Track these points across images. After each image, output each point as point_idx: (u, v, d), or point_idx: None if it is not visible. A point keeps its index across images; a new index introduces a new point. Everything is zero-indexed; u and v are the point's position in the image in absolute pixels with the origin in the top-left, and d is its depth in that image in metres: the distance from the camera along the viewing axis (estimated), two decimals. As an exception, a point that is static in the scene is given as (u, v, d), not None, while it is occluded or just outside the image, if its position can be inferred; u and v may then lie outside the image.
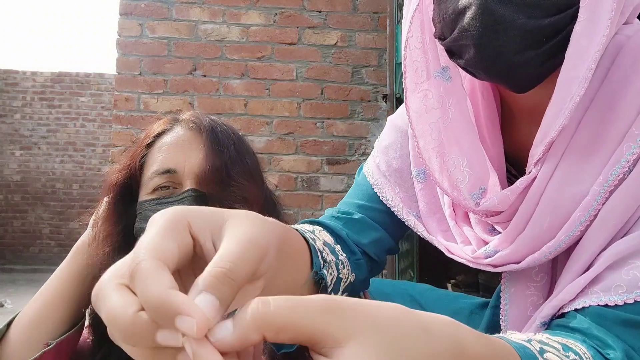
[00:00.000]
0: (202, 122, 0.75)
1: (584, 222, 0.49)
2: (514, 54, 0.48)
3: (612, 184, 0.48)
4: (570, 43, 0.47)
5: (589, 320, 0.45)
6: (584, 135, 0.50)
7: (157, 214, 0.33)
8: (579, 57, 0.47)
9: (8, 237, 7.39)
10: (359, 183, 0.76)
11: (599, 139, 0.49)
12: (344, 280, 0.59)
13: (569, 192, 0.50)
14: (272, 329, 0.26)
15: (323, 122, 2.47)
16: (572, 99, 0.47)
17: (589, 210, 0.49)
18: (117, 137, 2.40)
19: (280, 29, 2.51)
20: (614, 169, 0.48)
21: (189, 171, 0.71)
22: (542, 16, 0.47)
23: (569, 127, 0.50)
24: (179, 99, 2.44)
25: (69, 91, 7.47)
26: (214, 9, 2.48)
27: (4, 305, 4.74)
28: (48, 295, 0.71)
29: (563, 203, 0.50)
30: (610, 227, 0.48)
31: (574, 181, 0.50)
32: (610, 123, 0.49)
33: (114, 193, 0.74)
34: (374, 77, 2.51)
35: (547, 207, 0.51)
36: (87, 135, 7.51)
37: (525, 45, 0.48)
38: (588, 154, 0.50)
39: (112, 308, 0.28)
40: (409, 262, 2.48)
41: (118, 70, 2.43)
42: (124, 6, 2.45)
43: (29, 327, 0.70)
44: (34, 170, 7.45)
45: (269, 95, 2.48)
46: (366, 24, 2.54)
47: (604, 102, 0.50)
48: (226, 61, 2.47)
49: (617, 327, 0.44)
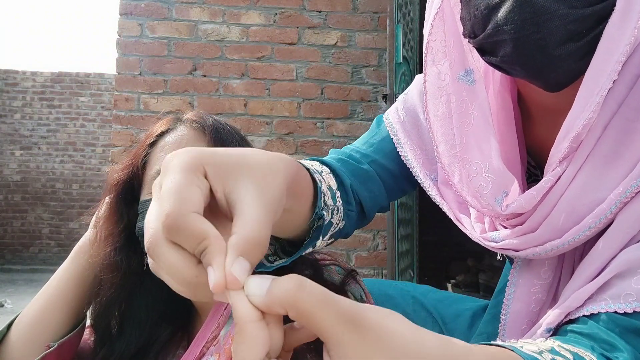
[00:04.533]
0: (206, 122, 0.74)
1: (592, 228, 0.49)
2: (556, 46, 0.47)
3: (629, 195, 0.48)
4: (603, 35, 0.46)
5: (599, 326, 0.45)
6: (608, 141, 0.50)
7: (170, 156, 0.34)
8: (609, 50, 0.46)
9: (8, 237, 7.39)
10: (378, 134, 0.74)
11: (622, 148, 0.49)
12: (334, 227, 0.59)
13: (587, 198, 0.50)
14: (296, 312, 0.28)
15: (323, 122, 2.47)
16: (600, 93, 0.46)
17: (601, 217, 0.49)
18: (117, 137, 2.40)
19: (280, 29, 2.51)
20: (634, 182, 0.47)
21: None
22: (584, 6, 0.46)
23: (595, 129, 0.50)
24: (179, 99, 2.44)
25: (69, 91, 7.47)
26: (214, 9, 2.48)
27: (3, 305, 4.74)
28: (49, 296, 0.71)
29: (580, 208, 0.50)
30: (626, 235, 0.48)
31: (594, 187, 0.50)
32: (636, 133, 0.48)
33: (115, 192, 0.74)
34: (374, 77, 2.51)
35: (564, 211, 0.51)
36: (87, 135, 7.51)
37: (567, 37, 0.46)
38: (611, 160, 0.49)
39: (174, 265, 0.31)
40: (409, 262, 2.47)
41: (118, 70, 2.43)
42: (124, 6, 2.44)
43: (30, 329, 0.70)
44: (34, 170, 7.45)
45: (269, 95, 2.48)
46: (366, 24, 2.54)
47: (632, 110, 0.49)
48: (226, 61, 2.47)
49: (628, 334, 0.44)
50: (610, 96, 0.49)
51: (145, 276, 0.73)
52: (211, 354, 0.67)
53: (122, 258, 0.71)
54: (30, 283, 6.20)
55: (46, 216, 7.44)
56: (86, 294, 0.72)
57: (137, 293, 0.74)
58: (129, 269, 0.72)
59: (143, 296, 0.74)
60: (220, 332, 0.69)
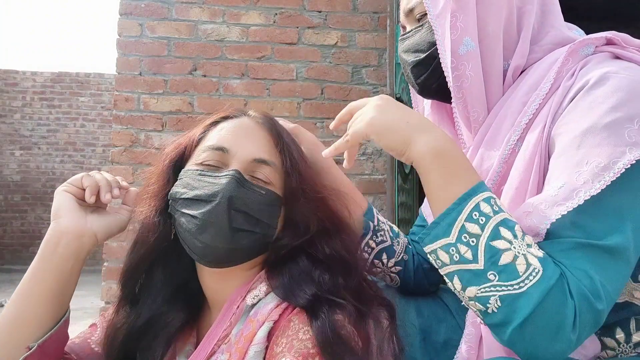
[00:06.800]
0: (272, 121, 0.78)
1: (492, 185, 0.74)
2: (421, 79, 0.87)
3: (506, 157, 0.73)
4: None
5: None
6: (491, 131, 0.77)
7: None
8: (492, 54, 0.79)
9: (7, 237, 7.39)
10: None
11: (499, 135, 0.75)
12: (397, 254, 0.93)
13: (486, 164, 0.76)
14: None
15: (323, 122, 2.47)
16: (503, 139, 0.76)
17: (494, 177, 0.74)
18: (117, 137, 2.40)
19: (280, 29, 2.51)
20: (506, 147, 0.73)
21: (240, 155, 0.72)
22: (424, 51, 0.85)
23: (487, 121, 0.79)
24: (179, 99, 2.44)
25: (69, 91, 7.47)
26: (214, 9, 2.48)
27: (3, 305, 4.75)
28: (26, 293, 0.69)
29: (480, 171, 0.76)
30: (514, 185, 0.70)
31: (487, 159, 0.76)
32: (506, 120, 0.75)
33: (169, 158, 0.76)
34: (374, 77, 2.51)
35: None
36: (87, 135, 7.51)
37: (424, 71, 0.84)
38: (495, 137, 0.76)
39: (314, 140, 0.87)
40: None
41: (118, 70, 2.43)
42: (124, 6, 2.44)
43: (7, 330, 0.68)
44: (34, 170, 7.45)
45: (269, 95, 2.48)
46: (366, 24, 2.54)
47: (504, 110, 0.77)
48: (226, 61, 2.47)
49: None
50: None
51: (169, 248, 0.75)
52: (222, 352, 0.67)
53: (161, 220, 0.73)
54: (30, 283, 6.20)
55: (46, 216, 7.44)
56: (67, 285, 0.71)
57: (159, 262, 0.76)
58: (164, 232, 0.73)
59: (163, 266, 0.76)
60: (232, 330, 0.69)
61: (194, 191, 0.70)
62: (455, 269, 0.60)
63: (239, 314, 0.69)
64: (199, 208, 0.68)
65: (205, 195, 0.68)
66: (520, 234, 0.59)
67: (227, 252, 0.69)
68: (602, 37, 0.71)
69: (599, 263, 0.57)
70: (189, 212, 0.69)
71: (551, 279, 0.55)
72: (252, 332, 0.66)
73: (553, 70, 0.70)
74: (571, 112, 0.65)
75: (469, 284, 0.59)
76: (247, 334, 0.66)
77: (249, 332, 0.66)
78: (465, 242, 0.59)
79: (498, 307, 0.56)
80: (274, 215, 0.72)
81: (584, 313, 0.55)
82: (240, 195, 0.68)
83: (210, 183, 0.69)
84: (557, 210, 0.59)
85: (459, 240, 0.60)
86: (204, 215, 0.68)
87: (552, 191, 0.60)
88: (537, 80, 0.72)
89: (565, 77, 0.69)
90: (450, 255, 0.60)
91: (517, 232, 0.59)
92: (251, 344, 0.64)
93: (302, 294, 0.66)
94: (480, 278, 0.58)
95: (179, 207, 0.71)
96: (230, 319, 0.69)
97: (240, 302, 0.70)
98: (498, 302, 0.56)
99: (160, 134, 2.41)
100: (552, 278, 0.55)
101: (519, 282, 0.56)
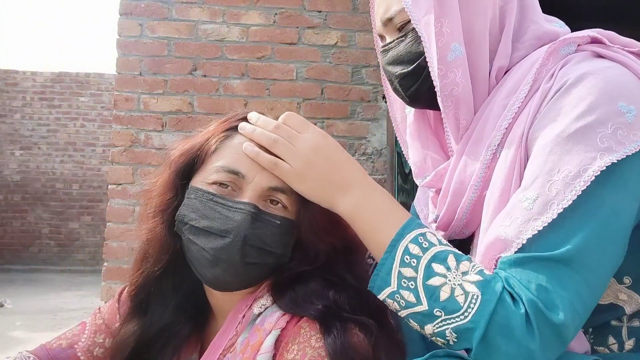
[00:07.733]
0: None
1: (475, 190, 0.72)
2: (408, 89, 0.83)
3: (487, 162, 0.71)
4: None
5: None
6: (474, 135, 0.74)
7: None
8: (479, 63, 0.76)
9: (7, 237, 7.40)
10: None
11: (482, 139, 0.73)
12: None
13: (469, 169, 0.74)
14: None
15: (323, 122, 2.47)
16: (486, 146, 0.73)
17: (477, 182, 0.72)
18: (117, 137, 2.40)
19: (280, 29, 2.51)
20: (487, 151, 0.71)
21: (257, 183, 0.68)
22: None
23: (472, 125, 0.76)
24: (179, 99, 2.44)
25: (69, 91, 7.48)
26: (214, 9, 2.48)
27: (3, 305, 4.74)
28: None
29: (464, 180, 0.74)
30: (496, 192, 0.68)
31: (470, 164, 0.74)
32: (487, 125, 0.73)
33: (175, 168, 0.72)
34: (374, 77, 2.51)
35: (455, 182, 0.75)
36: (87, 135, 7.52)
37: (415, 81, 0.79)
38: (479, 141, 0.73)
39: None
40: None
41: (118, 70, 2.43)
42: (124, 6, 2.44)
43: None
44: (34, 170, 7.45)
45: (269, 95, 2.48)
46: (366, 24, 2.54)
47: (485, 116, 0.74)
48: (226, 61, 2.47)
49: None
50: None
51: (179, 257, 0.73)
52: None
53: (170, 236, 0.71)
54: (29, 283, 6.20)
55: (46, 216, 7.45)
56: None
57: (169, 272, 0.75)
58: (174, 247, 0.72)
59: (173, 275, 0.75)
60: (237, 339, 0.68)
61: (205, 221, 0.66)
62: (406, 313, 0.62)
63: (245, 322, 0.68)
64: (209, 242, 0.66)
65: (218, 230, 0.65)
66: (453, 264, 0.60)
67: (237, 284, 0.68)
68: (585, 35, 0.69)
69: (555, 275, 0.57)
70: (199, 244, 0.66)
71: (491, 301, 0.57)
72: (259, 341, 0.65)
73: (532, 71, 0.69)
74: (546, 116, 0.64)
75: (423, 324, 0.60)
76: (253, 343, 0.65)
77: (256, 341, 0.65)
78: (405, 287, 0.61)
79: (456, 338, 0.58)
80: (287, 243, 0.70)
81: (541, 326, 0.55)
82: (255, 230, 0.66)
83: (223, 216, 0.66)
84: (532, 225, 0.59)
85: (399, 286, 0.61)
86: (215, 251, 0.65)
87: (527, 203, 0.60)
88: (517, 82, 0.71)
89: (545, 79, 0.68)
90: (397, 302, 0.62)
91: (450, 263, 0.60)
92: (258, 353, 0.64)
93: (312, 306, 0.65)
94: (430, 317, 0.59)
95: (188, 234, 0.68)
96: (236, 328, 0.68)
97: (246, 310, 0.69)
98: (453, 334, 0.58)
99: (160, 134, 2.41)
100: (492, 300, 0.57)
101: (462, 313, 0.58)
